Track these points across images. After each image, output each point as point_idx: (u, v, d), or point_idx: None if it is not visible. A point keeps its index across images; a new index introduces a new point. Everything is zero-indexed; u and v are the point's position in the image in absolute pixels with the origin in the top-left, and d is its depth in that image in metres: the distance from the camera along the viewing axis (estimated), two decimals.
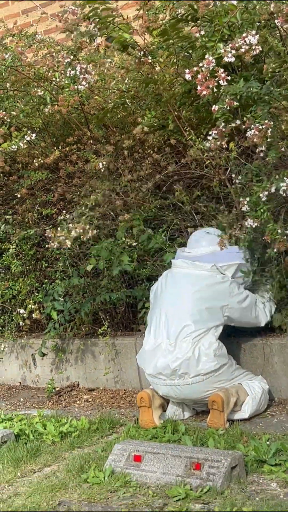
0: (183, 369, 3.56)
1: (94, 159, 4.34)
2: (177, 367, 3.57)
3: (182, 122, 4.12)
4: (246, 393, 3.59)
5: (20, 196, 4.72)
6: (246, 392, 3.59)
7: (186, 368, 3.56)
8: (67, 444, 3.62)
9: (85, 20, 4.06)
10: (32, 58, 4.82)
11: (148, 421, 3.60)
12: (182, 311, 3.64)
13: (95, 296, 4.48)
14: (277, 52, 3.71)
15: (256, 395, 3.60)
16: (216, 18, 3.73)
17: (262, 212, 3.44)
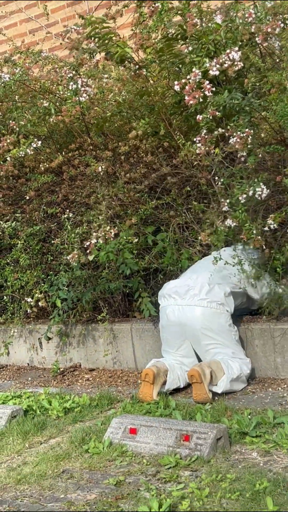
0: (196, 290, 3.73)
1: (94, 163, 4.33)
2: (192, 287, 3.75)
3: (172, 128, 4.12)
4: (222, 371, 3.59)
5: (28, 197, 4.71)
6: (223, 370, 3.59)
7: (199, 289, 3.73)
8: (70, 418, 3.61)
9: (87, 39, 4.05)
10: (38, 73, 4.80)
11: (147, 394, 3.62)
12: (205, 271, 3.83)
13: (95, 286, 4.47)
14: (257, 67, 3.70)
15: (232, 375, 3.60)
16: (203, 37, 3.72)
17: (240, 212, 3.45)
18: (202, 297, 3.71)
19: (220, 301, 3.71)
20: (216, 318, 3.68)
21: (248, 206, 3.49)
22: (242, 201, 3.44)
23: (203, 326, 3.67)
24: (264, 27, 3.36)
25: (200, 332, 3.69)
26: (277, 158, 3.64)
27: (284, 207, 3.50)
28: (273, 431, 3.02)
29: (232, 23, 3.56)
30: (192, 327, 3.71)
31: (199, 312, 3.70)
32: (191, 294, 3.75)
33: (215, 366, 3.57)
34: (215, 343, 3.69)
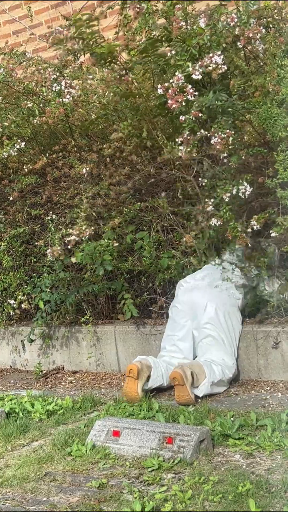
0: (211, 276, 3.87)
1: (79, 165, 4.32)
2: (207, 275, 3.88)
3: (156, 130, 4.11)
4: (204, 373, 3.58)
5: (12, 199, 4.69)
6: (205, 373, 3.58)
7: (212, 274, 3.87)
8: (53, 421, 3.59)
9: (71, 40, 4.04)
10: (22, 75, 4.79)
11: (132, 390, 3.60)
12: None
13: (79, 288, 4.46)
14: (241, 70, 3.71)
15: (213, 379, 3.60)
16: (187, 40, 3.72)
17: (224, 212, 3.46)
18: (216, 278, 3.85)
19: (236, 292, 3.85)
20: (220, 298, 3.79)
21: (232, 205, 3.50)
22: (226, 200, 3.45)
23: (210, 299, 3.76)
24: (246, 32, 3.38)
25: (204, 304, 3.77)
26: (260, 160, 3.66)
27: (268, 209, 3.51)
28: (255, 433, 3.02)
29: (215, 26, 3.57)
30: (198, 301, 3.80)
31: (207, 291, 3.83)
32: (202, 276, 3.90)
33: (197, 369, 3.57)
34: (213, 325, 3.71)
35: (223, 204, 3.45)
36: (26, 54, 4.92)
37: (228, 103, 3.33)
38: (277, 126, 3.23)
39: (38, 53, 6.00)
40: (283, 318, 3.75)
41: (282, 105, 3.28)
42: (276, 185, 3.29)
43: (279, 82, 3.31)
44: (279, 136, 3.26)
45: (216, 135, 3.27)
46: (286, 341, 3.64)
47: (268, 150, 3.54)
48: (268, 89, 3.38)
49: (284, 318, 3.74)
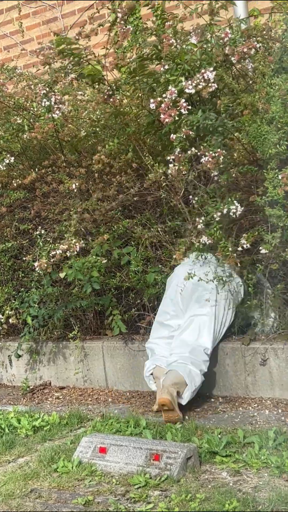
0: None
1: (68, 180, 4.33)
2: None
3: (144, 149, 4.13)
4: (185, 384, 3.57)
5: (0, 213, 4.69)
6: (185, 383, 3.57)
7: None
8: (39, 437, 3.57)
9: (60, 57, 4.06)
10: (13, 90, 4.80)
11: (172, 418, 3.49)
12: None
13: (67, 304, 4.45)
14: (231, 89, 3.75)
15: (195, 385, 3.61)
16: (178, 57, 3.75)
17: (215, 230, 3.47)
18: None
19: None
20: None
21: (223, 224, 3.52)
22: (217, 218, 3.46)
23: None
24: (241, 47, 3.41)
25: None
26: (250, 178, 3.68)
27: (257, 227, 3.53)
28: (243, 450, 3.02)
29: (207, 43, 3.61)
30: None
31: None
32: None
33: (180, 383, 3.56)
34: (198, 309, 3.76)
35: (213, 222, 3.46)
36: (17, 69, 4.93)
37: (217, 122, 3.35)
38: (266, 144, 3.26)
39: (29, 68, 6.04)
40: (271, 335, 3.76)
41: (272, 123, 3.30)
42: (265, 203, 3.32)
43: (269, 100, 3.34)
44: (269, 154, 3.28)
45: (207, 154, 3.29)
46: (274, 358, 3.65)
47: (258, 168, 3.56)
48: (258, 107, 3.41)
49: (272, 335, 3.75)
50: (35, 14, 7.11)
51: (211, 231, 3.47)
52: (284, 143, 3.27)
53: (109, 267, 4.31)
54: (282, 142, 3.26)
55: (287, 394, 3.62)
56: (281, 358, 3.62)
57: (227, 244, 3.44)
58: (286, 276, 3.68)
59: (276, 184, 3.21)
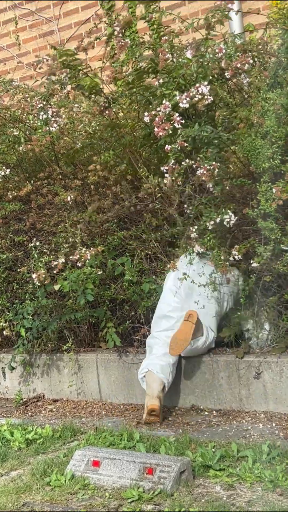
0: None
1: (63, 192, 4.34)
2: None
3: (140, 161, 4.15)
4: (162, 382, 3.69)
5: None
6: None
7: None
8: (32, 450, 3.55)
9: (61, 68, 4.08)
10: (9, 102, 4.82)
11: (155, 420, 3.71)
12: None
13: (61, 316, 4.44)
14: (226, 102, 3.77)
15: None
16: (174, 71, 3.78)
17: (208, 239, 3.49)
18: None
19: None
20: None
21: (216, 233, 3.53)
22: (210, 227, 3.48)
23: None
24: (234, 62, 3.44)
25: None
26: (245, 190, 3.70)
27: (250, 238, 3.54)
28: (236, 464, 3.01)
29: (202, 58, 3.63)
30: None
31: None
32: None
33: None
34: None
35: (207, 232, 3.48)
36: (13, 82, 4.95)
37: (213, 134, 3.37)
38: (260, 157, 3.27)
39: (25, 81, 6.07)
40: (265, 348, 3.76)
41: (266, 137, 3.32)
42: (257, 215, 3.33)
43: (263, 114, 3.36)
44: (263, 167, 3.30)
45: (202, 166, 3.31)
46: (268, 372, 3.64)
47: (252, 181, 3.58)
48: (253, 121, 3.43)
49: (266, 349, 3.75)
50: (32, 27, 7.15)
51: (204, 240, 3.49)
52: (278, 157, 3.28)
53: (104, 279, 4.30)
54: (275, 156, 3.28)
55: (281, 408, 3.61)
56: (275, 371, 3.62)
57: (220, 253, 3.46)
58: (280, 288, 3.68)
59: (269, 197, 3.22)
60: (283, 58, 3.54)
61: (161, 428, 3.63)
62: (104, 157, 4.16)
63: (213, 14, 3.64)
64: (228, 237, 3.65)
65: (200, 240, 3.52)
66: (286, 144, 3.35)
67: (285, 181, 3.28)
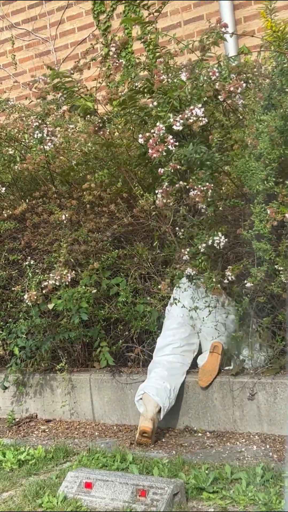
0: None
1: (58, 211, 4.35)
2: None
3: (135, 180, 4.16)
4: (157, 405, 3.70)
5: None
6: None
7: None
8: (24, 471, 3.53)
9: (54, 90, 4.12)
10: (4, 121, 4.84)
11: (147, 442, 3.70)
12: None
13: (55, 335, 4.43)
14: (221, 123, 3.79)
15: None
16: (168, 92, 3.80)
17: (200, 261, 3.50)
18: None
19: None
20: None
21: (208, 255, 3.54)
22: (202, 250, 3.49)
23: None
24: (227, 86, 3.47)
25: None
26: (238, 212, 3.71)
27: (243, 259, 3.55)
28: (230, 487, 2.99)
29: (196, 80, 3.66)
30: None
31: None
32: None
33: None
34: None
35: (198, 254, 3.49)
36: (9, 101, 4.98)
37: (206, 156, 3.39)
38: (254, 179, 3.29)
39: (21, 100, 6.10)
40: (259, 369, 3.75)
41: (260, 159, 3.34)
42: (251, 236, 3.34)
43: (258, 136, 3.38)
44: (256, 189, 3.32)
45: (196, 187, 3.33)
46: (262, 393, 3.63)
47: (245, 202, 3.60)
48: (247, 142, 3.45)
49: (261, 369, 3.74)
50: (28, 47, 7.21)
51: (196, 262, 3.50)
52: (271, 179, 3.30)
53: (98, 298, 4.30)
54: (269, 178, 3.30)
55: (275, 430, 3.60)
56: (269, 392, 3.61)
57: (211, 276, 3.47)
58: (274, 309, 3.68)
59: (263, 218, 3.24)
60: (277, 80, 3.57)
61: (154, 450, 3.62)
62: (99, 175, 4.17)
63: (208, 36, 3.67)
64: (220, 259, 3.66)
65: (192, 263, 3.53)
66: (280, 166, 3.38)
67: (279, 202, 3.30)
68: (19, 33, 7.27)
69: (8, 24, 7.33)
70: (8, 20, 7.33)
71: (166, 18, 6.04)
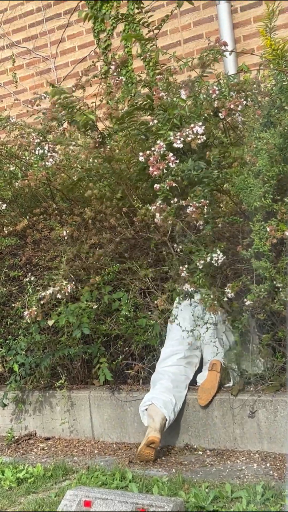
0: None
1: (59, 227, 4.36)
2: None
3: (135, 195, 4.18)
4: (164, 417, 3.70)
5: None
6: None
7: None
8: (23, 489, 3.51)
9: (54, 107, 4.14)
10: (5, 138, 4.87)
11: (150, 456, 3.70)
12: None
13: (54, 352, 4.42)
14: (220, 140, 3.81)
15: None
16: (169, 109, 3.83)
17: (198, 278, 3.50)
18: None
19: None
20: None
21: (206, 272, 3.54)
22: (200, 266, 3.49)
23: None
24: (228, 103, 3.49)
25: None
26: (236, 228, 3.72)
27: (242, 276, 3.55)
28: (230, 505, 2.97)
29: (196, 98, 3.68)
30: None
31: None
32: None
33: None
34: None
35: (197, 270, 3.49)
36: (10, 118, 5.01)
37: (203, 173, 3.41)
38: (252, 196, 3.30)
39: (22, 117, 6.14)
40: (259, 386, 3.74)
41: (259, 176, 3.36)
42: (251, 254, 3.34)
43: (256, 153, 3.40)
44: (255, 206, 3.33)
45: (191, 204, 3.34)
46: (262, 410, 3.62)
47: (244, 219, 3.61)
48: (246, 160, 3.47)
49: (261, 387, 3.73)
50: (29, 65, 7.26)
51: (194, 279, 3.50)
52: (270, 196, 3.31)
53: (99, 314, 4.30)
54: (267, 195, 3.31)
55: (275, 448, 3.58)
56: (269, 410, 3.60)
57: (209, 293, 3.47)
58: (274, 326, 3.68)
59: (262, 236, 3.24)
60: (277, 98, 3.60)
61: (154, 468, 3.60)
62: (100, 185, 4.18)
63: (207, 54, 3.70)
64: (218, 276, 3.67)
65: (190, 279, 3.53)
66: (279, 183, 3.39)
67: (278, 219, 3.30)
68: (20, 51, 7.33)
69: (9, 42, 7.39)
70: (9, 39, 7.39)
71: (166, 37, 6.09)
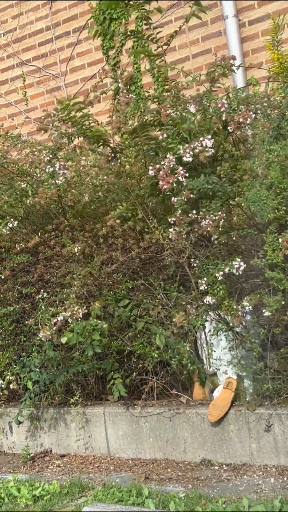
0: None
1: (71, 244, 4.37)
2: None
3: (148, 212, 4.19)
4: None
5: (3, 277, 4.71)
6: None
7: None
8: (39, 507, 3.50)
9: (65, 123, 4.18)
10: (16, 156, 4.91)
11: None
12: None
13: (68, 368, 4.42)
14: (231, 154, 3.83)
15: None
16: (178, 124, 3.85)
17: (218, 290, 3.50)
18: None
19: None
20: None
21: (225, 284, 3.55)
22: (220, 278, 3.50)
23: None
24: (236, 117, 3.51)
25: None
26: (249, 242, 3.72)
27: (259, 290, 3.54)
28: None
29: (205, 112, 3.70)
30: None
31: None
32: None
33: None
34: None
35: (216, 283, 3.50)
36: (21, 136, 5.06)
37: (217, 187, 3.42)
38: (265, 208, 3.31)
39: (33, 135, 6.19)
40: (275, 399, 3.72)
41: (271, 188, 3.36)
42: (265, 265, 3.34)
43: (268, 166, 3.41)
44: (268, 218, 3.33)
45: (207, 217, 3.35)
46: (278, 424, 3.60)
47: (258, 232, 3.61)
48: (257, 172, 3.48)
49: (276, 400, 3.71)
50: (39, 84, 7.34)
51: (215, 291, 3.50)
52: (283, 208, 3.32)
53: (112, 330, 4.30)
54: (280, 207, 3.32)
55: None
56: (285, 424, 3.57)
57: (232, 303, 3.47)
58: None
59: (276, 247, 3.24)
60: (286, 110, 3.61)
61: (170, 484, 3.58)
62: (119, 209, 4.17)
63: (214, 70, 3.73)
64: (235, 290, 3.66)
65: (210, 291, 3.53)
66: None
67: None
68: (30, 70, 7.41)
69: (19, 61, 7.47)
70: (19, 58, 7.47)
71: (175, 52, 6.13)
